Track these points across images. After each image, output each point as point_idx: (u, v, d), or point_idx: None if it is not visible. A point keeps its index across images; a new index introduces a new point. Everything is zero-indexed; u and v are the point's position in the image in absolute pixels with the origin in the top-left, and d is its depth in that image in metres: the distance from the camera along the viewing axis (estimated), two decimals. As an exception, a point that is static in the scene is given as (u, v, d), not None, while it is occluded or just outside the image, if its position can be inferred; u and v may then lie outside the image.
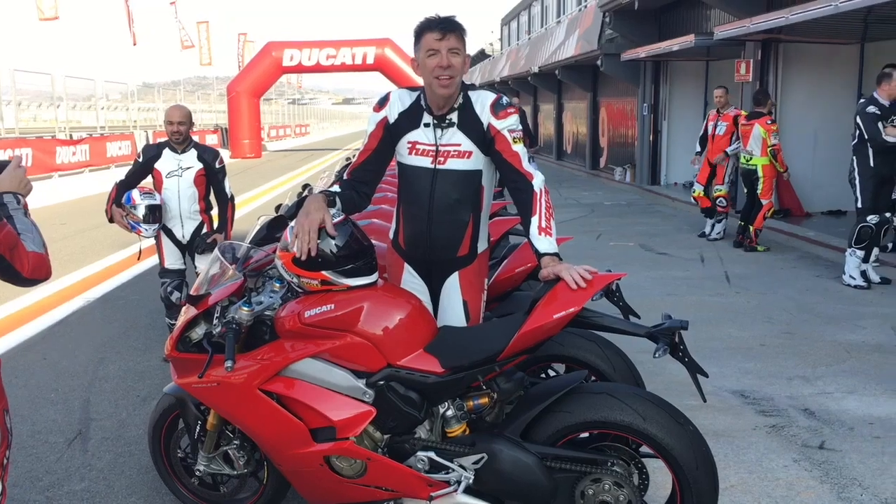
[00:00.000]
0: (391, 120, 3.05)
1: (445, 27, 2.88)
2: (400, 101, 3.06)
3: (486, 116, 2.96)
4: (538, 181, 2.95)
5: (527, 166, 2.97)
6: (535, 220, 2.89)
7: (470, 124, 2.98)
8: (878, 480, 3.64)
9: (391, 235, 3.28)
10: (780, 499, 3.48)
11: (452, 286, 3.16)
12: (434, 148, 3.01)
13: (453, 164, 3.01)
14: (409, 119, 3.03)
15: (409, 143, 3.04)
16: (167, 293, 3.05)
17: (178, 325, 3.13)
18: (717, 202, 10.34)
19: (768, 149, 9.20)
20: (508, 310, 3.45)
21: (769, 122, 9.27)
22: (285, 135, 47.36)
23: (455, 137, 2.99)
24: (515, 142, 2.96)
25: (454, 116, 2.99)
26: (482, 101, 2.99)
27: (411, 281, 3.20)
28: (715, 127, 10.25)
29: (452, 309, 3.16)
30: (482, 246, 3.20)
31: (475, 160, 3.02)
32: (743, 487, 3.58)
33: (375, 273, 2.95)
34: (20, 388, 5.16)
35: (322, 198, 2.93)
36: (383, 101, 3.09)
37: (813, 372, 5.15)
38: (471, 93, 3.02)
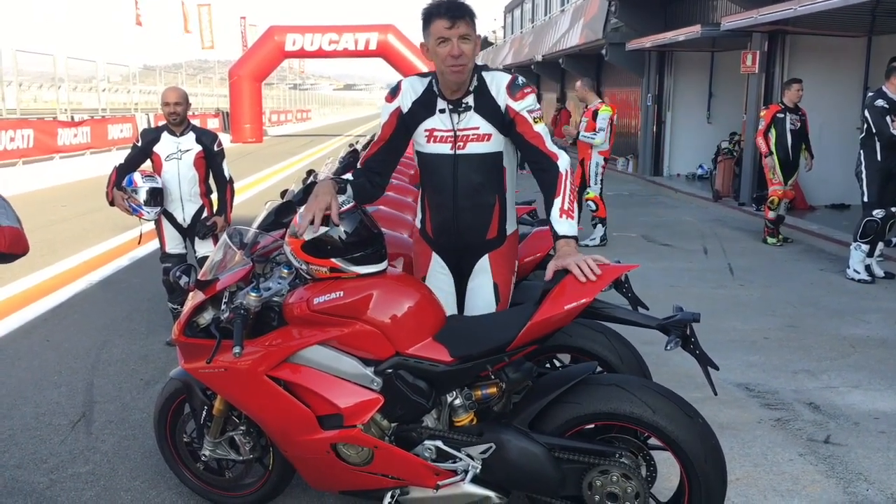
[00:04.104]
0: (405, 109, 3.01)
1: (455, 14, 2.80)
2: (412, 90, 3.01)
3: (502, 98, 2.92)
4: (563, 162, 2.92)
5: (550, 146, 2.94)
6: (557, 202, 2.86)
7: (487, 107, 2.94)
8: (884, 475, 3.64)
9: (418, 224, 3.26)
10: (786, 493, 3.48)
11: (483, 269, 3.13)
12: (452, 133, 2.97)
13: (473, 147, 2.98)
14: (424, 107, 2.99)
15: (426, 131, 3.01)
16: (175, 278, 3.03)
17: (185, 310, 3.12)
18: (586, 205, 9.48)
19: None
20: (517, 299, 3.42)
21: (763, 109, 9.35)
22: (286, 120, 47.25)
23: (473, 121, 2.96)
24: (536, 122, 2.93)
25: (470, 100, 2.94)
26: (497, 83, 2.94)
27: (439, 272, 3.18)
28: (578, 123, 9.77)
29: (482, 291, 3.13)
30: (511, 227, 3.17)
31: (495, 142, 2.98)
32: (748, 481, 3.58)
33: (385, 261, 2.94)
34: (24, 370, 5.15)
35: (332, 184, 2.91)
36: (395, 91, 3.05)
37: (817, 366, 5.15)
38: (485, 74, 2.96)
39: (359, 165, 3.16)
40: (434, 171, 3.05)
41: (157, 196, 5.39)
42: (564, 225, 2.84)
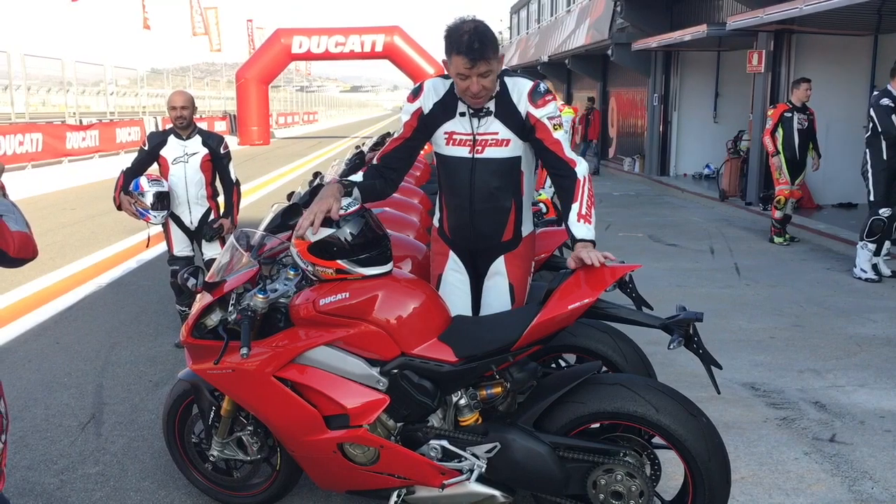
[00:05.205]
0: (426, 110, 3.05)
1: (474, 56, 2.78)
2: (434, 91, 3.04)
3: (523, 105, 2.94)
4: (581, 168, 2.95)
5: (569, 153, 2.97)
6: (575, 207, 2.89)
7: (507, 112, 2.96)
8: (889, 474, 3.65)
9: (436, 223, 3.30)
10: (791, 491, 3.49)
11: (498, 270, 3.17)
12: (471, 137, 3.01)
13: (491, 152, 3.00)
14: (445, 109, 3.02)
15: (445, 133, 3.04)
16: (183, 280, 3.06)
17: (193, 311, 3.15)
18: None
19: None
20: (522, 300, 3.45)
21: (770, 108, 9.36)
22: (293, 122, 47.35)
23: (492, 126, 2.98)
24: (556, 129, 2.96)
25: (491, 105, 2.97)
26: (519, 90, 2.96)
27: (455, 271, 3.22)
28: None
29: (498, 292, 3.17)
30: (527, 229, 3.20)
31: (513, 147, 3.01)
32: (754, 479, 3.59)
33: (390, 262, 2.96)
34: (34, 371, 5.20)
35: (338, 186, 2.94)
36: (417, 91, 3.09)
37: (823, 365, 5.15)
38: (507, 79, 2.98)
39: (375, 161, 3.19)
40: (452, 174, 3.09)
41: (163, 200, 5.42)
42: (582, 229, 2.88)
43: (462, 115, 3.00)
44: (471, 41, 2.78)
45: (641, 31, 16.02)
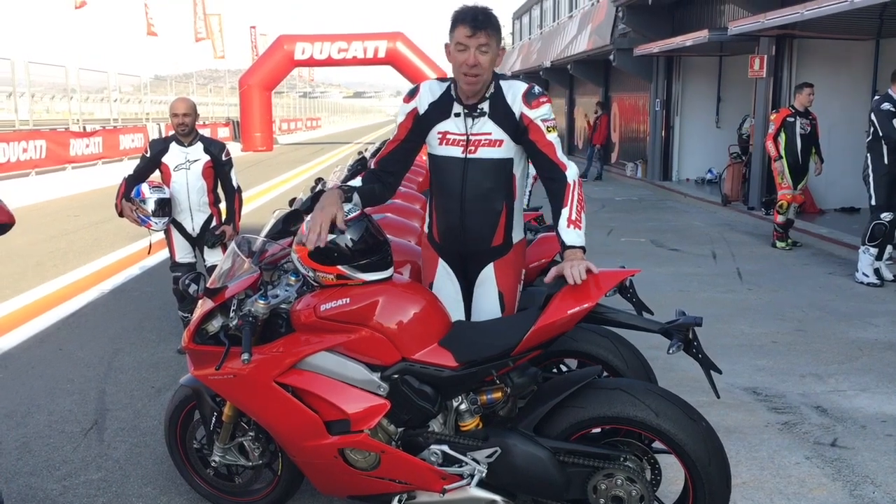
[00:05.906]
0: (421, 111, 3.06)
1: (476, 25, 2.84)
2: (430, 92, 3.07)
3: (518, 106, 2.96)
4: (572, 172, 2.96)
5: (561, 156, 2.98)
6: (565, 212, 2.90)
7: (501, 114, 2.98)
8: (890, 478, 3.64)
9: (426, 230, 3.30)
10: (793, 496, 3.49)
11: (488, 277, 3.15)
12: (465, 137, 3.02)
13: (484, 152, 3.01)
14: (440, 109, 3.04)
15: (439, 133, 3.05)
16: (185, 286, 3.08)
17: (194, 317, 3.16)
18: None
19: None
20: (522, 305, 3.45)
21: (773, 113, 9.40)
22: (296, 128, 47.42)
23: (486, 126, 2.99)
24: (549, 131, 2.97)
25: (485, 106, 2.99)
26: (514, 91, 2.98)
27: (445, 278, 3.21)
28: None
29: (487, 300, 3.16)
30: (518, 235, 3.19)
31: (506, 148, 3.01)
32: (755, 484, 3.59)
33: (391, 268, 2.97)
34: (37, 378, 5.21)
35: (338, 193, 2.96)
36: (413, 92, 3.11)
37: (825, 369, 5.15)
38: (502, 82, 3.01)
39: (372, 165, 3.21)
40: (444, 174, 3.09)
41: (164, 207, 5.44)
42: (572, 235, 2.88)
43: (457, 115, 3.02)
44: (475, 13, 2.86)
45: (643, 37, 16.06)
